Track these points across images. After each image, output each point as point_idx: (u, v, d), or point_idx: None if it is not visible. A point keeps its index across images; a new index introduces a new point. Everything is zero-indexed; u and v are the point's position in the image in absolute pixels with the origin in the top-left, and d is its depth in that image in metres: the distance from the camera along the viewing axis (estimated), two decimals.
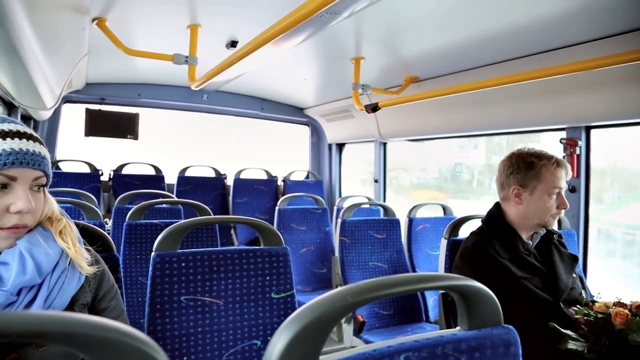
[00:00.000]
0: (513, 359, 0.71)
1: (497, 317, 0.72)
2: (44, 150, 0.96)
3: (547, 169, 1.65)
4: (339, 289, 0.60)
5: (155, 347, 0.48)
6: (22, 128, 0.95)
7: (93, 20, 2.45)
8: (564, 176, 1.67)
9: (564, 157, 2.59)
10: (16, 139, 0.91)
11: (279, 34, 1.79)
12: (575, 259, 1.74)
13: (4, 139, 0.90)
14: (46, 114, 3.43)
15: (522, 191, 1.69)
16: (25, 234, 0.95)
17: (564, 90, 2.48)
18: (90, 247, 1.08)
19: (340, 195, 5.13)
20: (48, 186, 1.00)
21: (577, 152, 2.57)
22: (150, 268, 1.46)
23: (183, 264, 1.49)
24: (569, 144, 2.58)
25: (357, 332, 2.65)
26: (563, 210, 1.69)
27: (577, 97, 2.46)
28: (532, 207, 1.68)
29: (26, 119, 3.49)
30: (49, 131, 4.12)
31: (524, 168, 1.68)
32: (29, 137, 0.94)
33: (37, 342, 0.88)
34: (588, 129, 2.60)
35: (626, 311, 1.30)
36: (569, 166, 1.70)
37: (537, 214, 1.67)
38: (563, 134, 2.67)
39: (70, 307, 0.99)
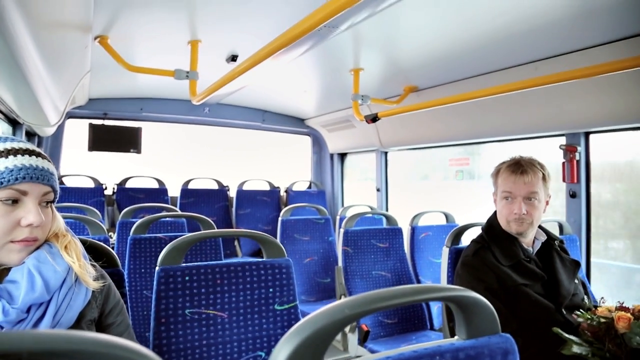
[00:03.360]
0: None
1: (495, 326, 0.73)
2: (52, 167, 1.00)
3: (501, 173, 1.71)
4: (338, 302, 0.61)
5: None
6: (31, 146, 0.99)
7: (95, 38, 2.49)
8: (521, 182, 1.63)
9: (563, 163, 2.61)
10: (26, 156, 0.95)
11: (278, 48, 1.82)
12: (577, 264, 1.74)
13: (15, 156, 0.94)
14: (50, 130, 3.47)
15: (494, 197, 1.77)
16: (33, 251, 0.98)
17: (563, 97, 2.50)
18: (95, 263, 1.10)
19: (342, 205, 5.14)
20: (55, 202, 1.03)
21: (577, 157, 2.58)
22: (155, 283, 1.48)
23: (187, 278, 1.50)
24: (569, 149, 2.60)
25: (362, 341, 2.65)
26: (535, 218, 1.64)
27: (576, 103, 2.47)
28: (497, 212, 1.74)
29: (30, 135, 3.53)
30: (53, 147, 4.16)
31: (493, 174, 1.76)
32: (38, 154, 0.98)
33: None
34: (587, 135, 2.61)
35: (629, 315, 1.30)
36: (534, 174, 1.64)
37: (500, 219, 1.73)
38: (563, 140, 2.68)
39: (78, 323, 1.01)
